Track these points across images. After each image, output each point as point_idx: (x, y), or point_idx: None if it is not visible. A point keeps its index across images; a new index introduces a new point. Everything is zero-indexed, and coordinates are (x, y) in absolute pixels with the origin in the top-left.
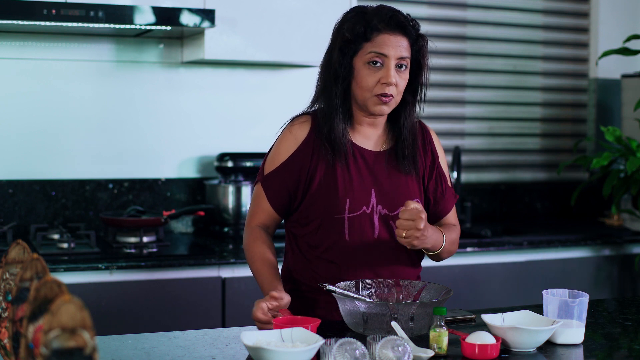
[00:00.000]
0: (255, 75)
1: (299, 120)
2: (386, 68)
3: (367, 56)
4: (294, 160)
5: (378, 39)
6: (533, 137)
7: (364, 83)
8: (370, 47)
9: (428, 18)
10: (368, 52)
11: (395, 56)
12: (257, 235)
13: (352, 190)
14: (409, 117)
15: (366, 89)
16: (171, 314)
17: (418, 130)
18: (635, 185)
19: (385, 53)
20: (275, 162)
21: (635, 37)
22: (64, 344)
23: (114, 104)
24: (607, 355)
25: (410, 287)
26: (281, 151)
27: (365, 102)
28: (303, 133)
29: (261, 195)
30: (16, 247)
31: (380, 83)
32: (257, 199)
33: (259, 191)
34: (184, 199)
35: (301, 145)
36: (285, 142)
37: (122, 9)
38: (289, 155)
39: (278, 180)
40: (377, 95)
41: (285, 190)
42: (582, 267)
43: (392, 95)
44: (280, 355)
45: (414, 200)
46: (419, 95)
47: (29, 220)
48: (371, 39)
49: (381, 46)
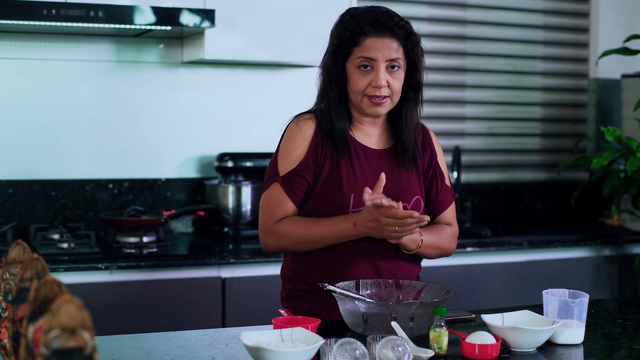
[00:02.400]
0: (255, 75)
1: (303, 117)
2: (376, 71)
3: (356, 61)
4: (308, 155)
5: (365, 43)
6: (533, 137)
7: (355, 87)
8: (359, 51)
9: (428, 18)
10: (357, 56)
11: (384, 58)
12: (284, 221)
13: (356, 185)
14: (410, 114)
15: (358, 92)
16: (171, 314)
17: (418, 131)
18: (635, 185)
19: (373, 57)
20: (290, 161)
21: (635, 37)
22: (64, 344)
23: (114, 104)
24: (607, 355)
25: (410, 287)
26: (294, 148)
27: (359, 104)
28: (310, 129)
29: (281, 196)
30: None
31: (371, 86)
32: (276, 200)
33: (277, 192)
34: (184, 199)
35: (311, 140)
36: (295, 139)
37: (122, 9)
38: (302, 151)
39: (298, 178)
40: (369, 98)
41: (306, 187)
42: (582, 267)
43: (386, 97)
44: (280, 355)
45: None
46: (420, 94)
47: (29, 220)
48: (359, 43)
49: (369, 50)
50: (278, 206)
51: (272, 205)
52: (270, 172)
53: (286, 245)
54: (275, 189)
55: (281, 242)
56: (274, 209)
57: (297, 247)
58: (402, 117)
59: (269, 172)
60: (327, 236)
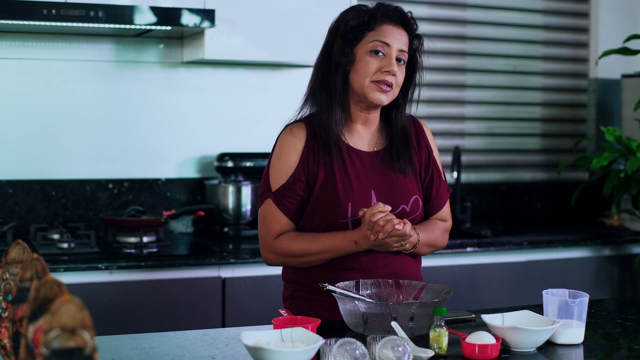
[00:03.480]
0: (255, 75)
1: (294, 127)
2: (388, 57)
3: (370, 44)
4: (299, 168)
5: (382, 29)
6: (533, 137)
7: (364, 70)
8: (374, 35)
9: (428, 18)
10: (371, 40)
11: (397, 48)
12: (283, 238)
13: (352, 193)
14: (400, 118)
15: (365, 75)
16: (171, 314)
17: (411, 125)
18: (635, 185)
19: (389, 42)
20: (281, 175)
21: (635, 37)
22: (64, 344)
23: (114, 104)
24: (607, 355)
25: (410, 287)
26: (284, 162)
27: (364, 89)
28: (301, 141)
29: (275, 212)
30: (16, 247)
31: (381, 71)
32: (270, 216)
33: (271, 209)
34: (184, 199)
35: (302, 152)
36: (285, 152)
37: (122, 9)
38: (293, 164)
39: (290, 192)
40: (376, 83)
41: (299, 200)
42: (582, 267)
43: (391, 86)
44: (280, 355)
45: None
46: (410, 96)
47: (29, 220)
48: (375, 28)
49: (385, 35)
50: (273, 222)
51: (268, 221)
52: (263, 187)
53: (287, 262)
54: (268, 205)
55: (282, 260)
56: (270, 225)
57: (298, 264)
58: (393, 116)
59: (262, 186)
60: (327, 255)
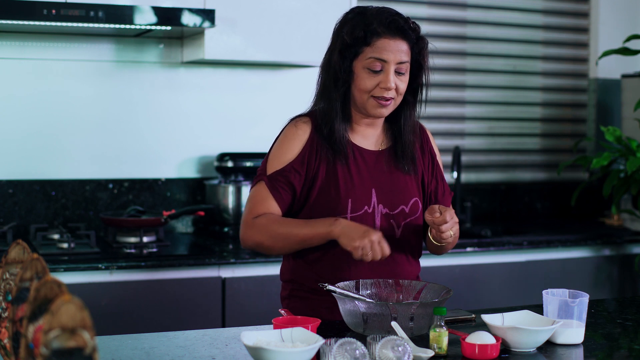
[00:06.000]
0: (255, 75)
1: (299, 120)
2: (385, 73)
3: (366, 61)
4: (299, 160)
5: (378, 44)
6: (533, 137)
7: (362, 86)
8: (370, 52)
9: (428, 18)
10: (368, 57)
11: (395, 61)
12: (262, 215)
13: (353, 190)
14: (409, 117)
15: (365, 92)
16: (171, 314)
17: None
18: (635, 185)
19: (385, 59)
20: (279, 162)
21: (635, 37)
22: (64, 344)
23: (114, 104)
24: (607, 355)
25: (410, 287)
26: (285, 151)
27: (364, 104)
28: (305, 133)
29: (265, 195)
30: (16, 247)
31: (379, 87)
32: (259, 197)
33: (261, 190)
34: (184, 199)
35: (305, 145)
36: (288, 141)
37: (122, 9)
38: (293, 154)
39: (284, 179)
40: (375, 98)
41: (291, 189)
42: (582, 267)
43: (391, 99)
44: (280, 355)
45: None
46: (419, 96)
47: (29, 220)
48: (371, 43)
49: (381, 52)
50: (260, 203)
51: (255, 202)
52: (260, 171)
53: (261, 240)
54: (260, 187)
55: (257, 237)
56: (255, 205)
57: (272, 242)
58: (401, 118)
59: (259, 170)
60: (301, 233)
